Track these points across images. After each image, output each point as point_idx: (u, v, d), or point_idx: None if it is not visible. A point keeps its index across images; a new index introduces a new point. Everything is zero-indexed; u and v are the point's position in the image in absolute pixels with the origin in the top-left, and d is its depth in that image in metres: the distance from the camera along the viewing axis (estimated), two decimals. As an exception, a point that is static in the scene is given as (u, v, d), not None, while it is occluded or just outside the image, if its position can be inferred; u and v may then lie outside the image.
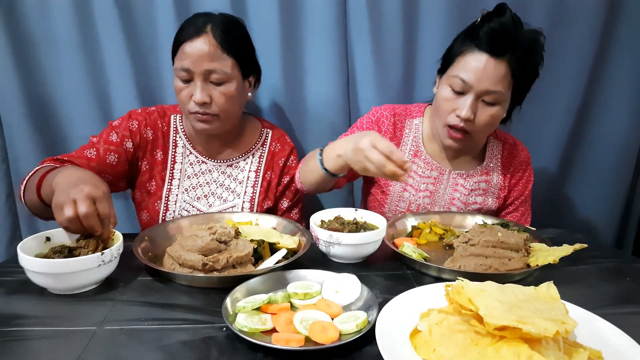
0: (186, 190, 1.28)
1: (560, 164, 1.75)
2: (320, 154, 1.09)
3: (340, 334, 0.66)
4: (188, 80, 1.14)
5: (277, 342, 0.64)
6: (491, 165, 1.35)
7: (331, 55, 1.55)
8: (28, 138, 1.52)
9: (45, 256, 0.84)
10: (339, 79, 1.58)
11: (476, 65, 1.12)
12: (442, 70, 1.24)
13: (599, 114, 1.70)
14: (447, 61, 1.20)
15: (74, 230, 0.85)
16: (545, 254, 0.91)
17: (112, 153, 1.20)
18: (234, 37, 1.17)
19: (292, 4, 1.50)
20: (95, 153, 1.19)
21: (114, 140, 1.21)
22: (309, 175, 1.15)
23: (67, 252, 0.85)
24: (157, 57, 1.52)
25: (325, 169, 1.06)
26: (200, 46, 1.11)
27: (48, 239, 0.88)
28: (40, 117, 1.52)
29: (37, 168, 1.09)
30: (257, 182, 1.34)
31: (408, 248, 0.98)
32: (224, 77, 1.14)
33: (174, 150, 1.29)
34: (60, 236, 0.89)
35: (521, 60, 1.12)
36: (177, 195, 1.27)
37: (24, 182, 1.06)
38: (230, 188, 1.32)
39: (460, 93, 1.15)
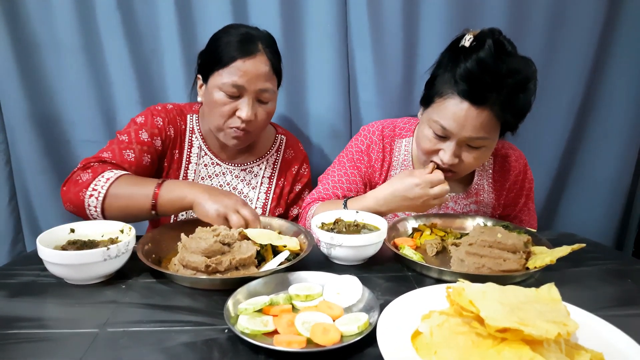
0: None
1: (560, 165, 1.75)
2: (346, 207, 1.15)
3: (341, 336, 0.66)
4: (234, 96, 1.15)
5: (279, 344, 0.64)
6: (481, 183, 1.31)
7: (332, 58, 1.55)
8: (31, 140, 1.53)
9: (63, 247, 0.88)
10: (340, 82, 1.59)
11: (456, 113, 1.03)
12: (424, 102, 1.15)
13: (599, 115, 1.70)
14: (429, 94, 1.11)
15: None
16: (543, 256, 0.92)
17: (146, 154, 1.19)
18: (279, 57, 1.21)
19: (293, 7, 1.51)
20: (133, 155, 1.17)
21: (145, 140, 1.20)
22: None
23: (82, 244, 0.89)
24: (159, 60, 1.53)
25: None
26: (257, 65, 1.13)
27: (72, 230, 0.93)
28: (42, 119, 1.53)
29: (104, 174, 1.06)
30: (269, 189, 1.37)
31: (409, 250, 0.99)
32: (272, 96, 1.19)
33: (189, 150, 1.29)
34: (84, 228, 0.94)
35: (506, 102, 1.02)
36: None
37: (101, 189, 1.04)
38: (243, 193, 1.34)
39: (443, 137, 1.09)
